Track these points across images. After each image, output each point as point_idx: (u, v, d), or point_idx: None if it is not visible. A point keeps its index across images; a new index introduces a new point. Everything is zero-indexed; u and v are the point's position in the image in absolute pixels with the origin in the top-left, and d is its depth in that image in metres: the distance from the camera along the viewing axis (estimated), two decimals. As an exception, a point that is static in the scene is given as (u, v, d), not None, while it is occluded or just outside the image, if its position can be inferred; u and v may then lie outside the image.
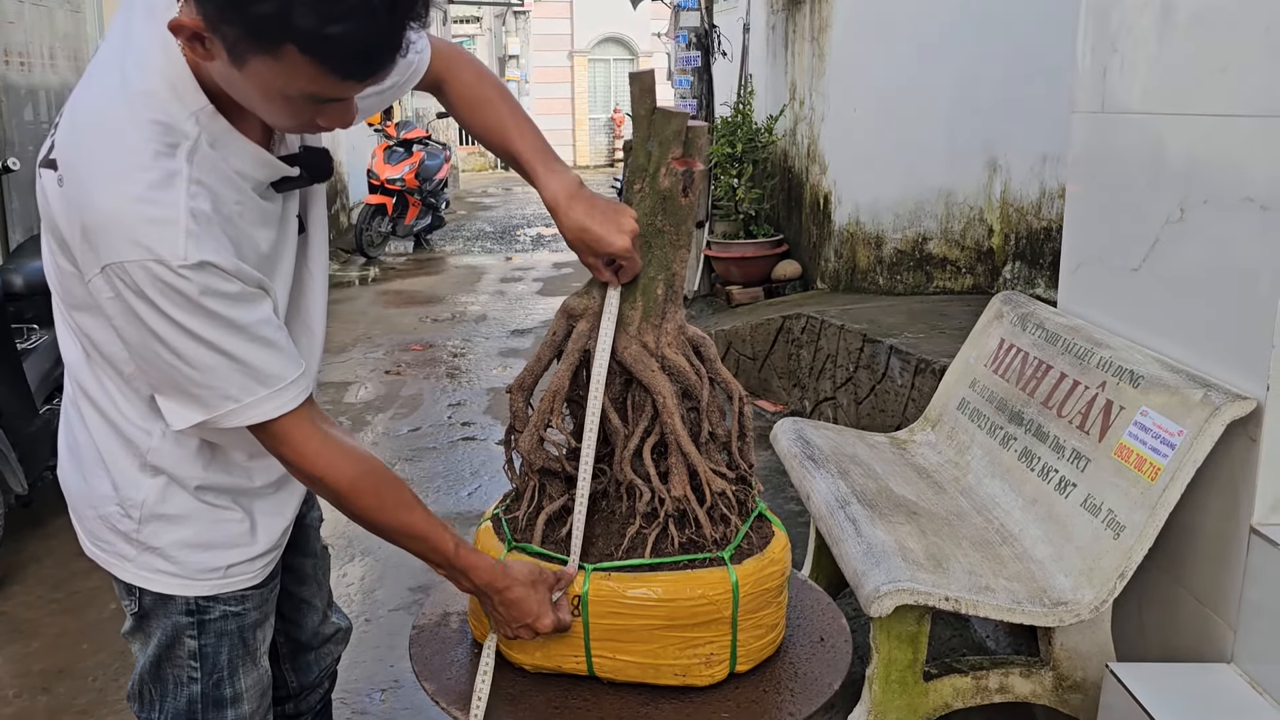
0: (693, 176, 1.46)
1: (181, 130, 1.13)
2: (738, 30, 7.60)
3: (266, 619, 1.47)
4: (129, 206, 1.08)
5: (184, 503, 1.34)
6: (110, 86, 1.14)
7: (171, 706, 1.41)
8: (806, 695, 1.49)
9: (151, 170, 1.09)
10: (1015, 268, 5.14)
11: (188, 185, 1.11)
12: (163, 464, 1.32)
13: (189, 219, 1.10)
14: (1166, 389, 2.07)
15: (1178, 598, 2.15)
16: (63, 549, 3.55)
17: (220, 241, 1.14)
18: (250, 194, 1.22)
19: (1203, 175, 2.11)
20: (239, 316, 1.16)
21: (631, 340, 1.49)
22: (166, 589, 1.36)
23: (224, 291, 1.13)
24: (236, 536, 1.38)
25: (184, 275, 1.09)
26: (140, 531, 1.34)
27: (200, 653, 1.39)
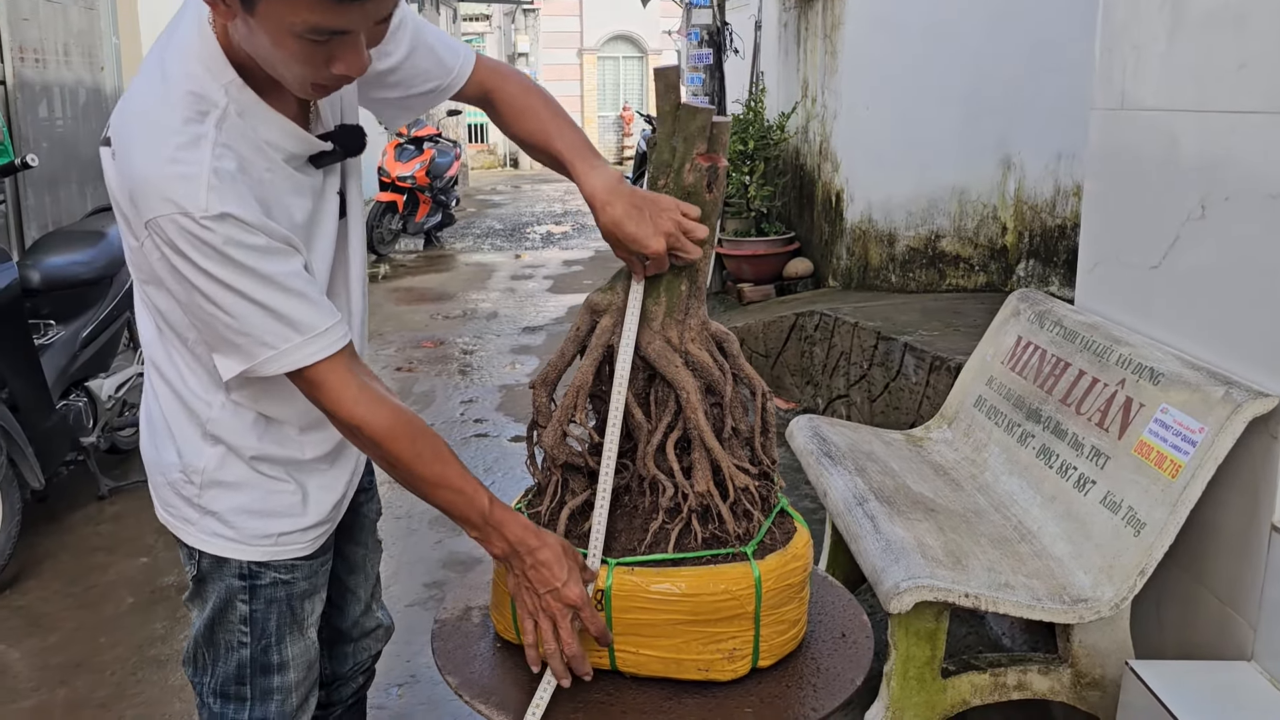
0: (717, 172, 1.46)
1: (211, 100, 1.21)
2: (750, 27, 7.59)
3: (316, 592, 1.53)
4: (160, 167, 1.17)
5: (240, 471, 1.42)
6: (153, 70, 1.24)
7: (222, 670, 1.48)
8: (829, 691, 1.49)
9: (181, 134, 1.18)
10: (1029, 265, 5.13)
11: (213, 147, 1.19)
12: (221, 434, 1.39)
13: (211, 175, 1.17)
14: (1187, 386, 2.07)
15: (1197, 595, 2.14)
16: (79, 543, 3.57)
17: (244, 198, 1.20)
18: (281, 164, 1.28)
19: (1224, 172, 2.11)
20: (265, 267, 1.21)
21: (655, 336, 1.49)
22: (223, 552, 1.43)
23: (248, 243, 1.19)
24: (289, 506, 1.45)
25: (207, 226, 1.16)
26: (201, 496, 1.42)
27: (250, 617, 1.46)
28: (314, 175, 1.34)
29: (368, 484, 1.71)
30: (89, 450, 3.78)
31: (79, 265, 3.67)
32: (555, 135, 1.50)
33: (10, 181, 4.67)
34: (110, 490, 3.92)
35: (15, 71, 4.75)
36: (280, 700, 1.51)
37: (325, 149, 1.33)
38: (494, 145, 22.34)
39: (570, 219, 13.02)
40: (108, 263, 3.82)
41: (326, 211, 1.37)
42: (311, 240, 1.35)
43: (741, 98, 7.39)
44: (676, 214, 1.40)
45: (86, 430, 3.76)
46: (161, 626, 3.02)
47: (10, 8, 4.70)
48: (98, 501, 3.88)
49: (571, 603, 1.35)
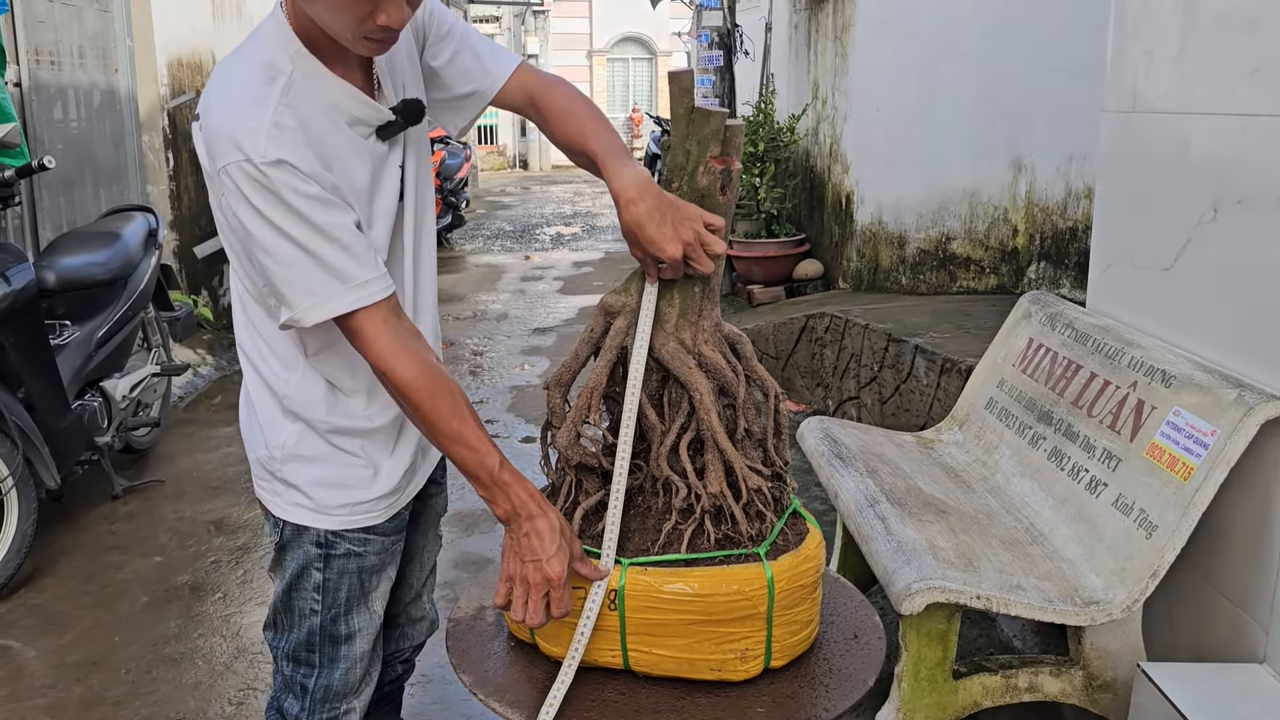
0: (731, 175, 1.47)
1: (279, 67, 1.36)
2: (760, 29, 7.60)
3: (384, 568, 1.62)
4: (231, 120, 1.32)
5: (317, 445, 1.53)
6: (235, 53, 1.42)
7: (295, 636, 1.60)
8: (841, 691, 1.50)
9: (251, 93, 1.34)
10: (1040, 268, 5.13)
11: (275, 106, 1.32)
12: (296, 409, 1.51)
13: (271, 126, 1.30)
14: (1199, 389, 2.07)
15: (1209, 598, 2.14)
16: (94, 542, 3.59)
17: (300, 150, 1.31)
18: (345, 126, 1.40)
19: (1236, 175, 2.11)
20: (316, 215, 1.32)
21: (669, 337, 1.50)
22: (303, 520, 1.55)
23: (301, 189, 1.30)
24: (360, 479, 1.55)
25: (265, 171, 1.29)
26: (283, 470, 1.54)
27: (324, 585, 1.57)
28: (377, 145, 1.45)
29: (439, 476, 1.79)
30: (103, 450, 3.80)
31: (94, 266, 3.69)
32: (592, 136, 1.53)
33: (26, 183, 4.70)
34: (124, 490, 3.95)
35: (31, 74, 4.78)
36: (345, 669, 1.61)
37: (389, 118, 1.45)
38: (503, 146, 22.38)
39: (580, 220, 13.04)
40: (122, 264, 3.85)
41: (387, 180, 1.47)
42: (371, 207, 1.44)
43: (752, 99, 7.40)
44: (699, 224, 1.42)
45: (101, 430, 3.79)
46: (175, 625, 3.04)
47: (25, 10, 4.73)
48: (112, 501, 3.91)
49: (550, 578, 1.39)
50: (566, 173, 20.81)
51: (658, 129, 12.84)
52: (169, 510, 3.87)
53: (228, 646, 2.92)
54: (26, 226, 4.81)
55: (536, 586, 1.40)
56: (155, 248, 4.22)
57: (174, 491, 4.05)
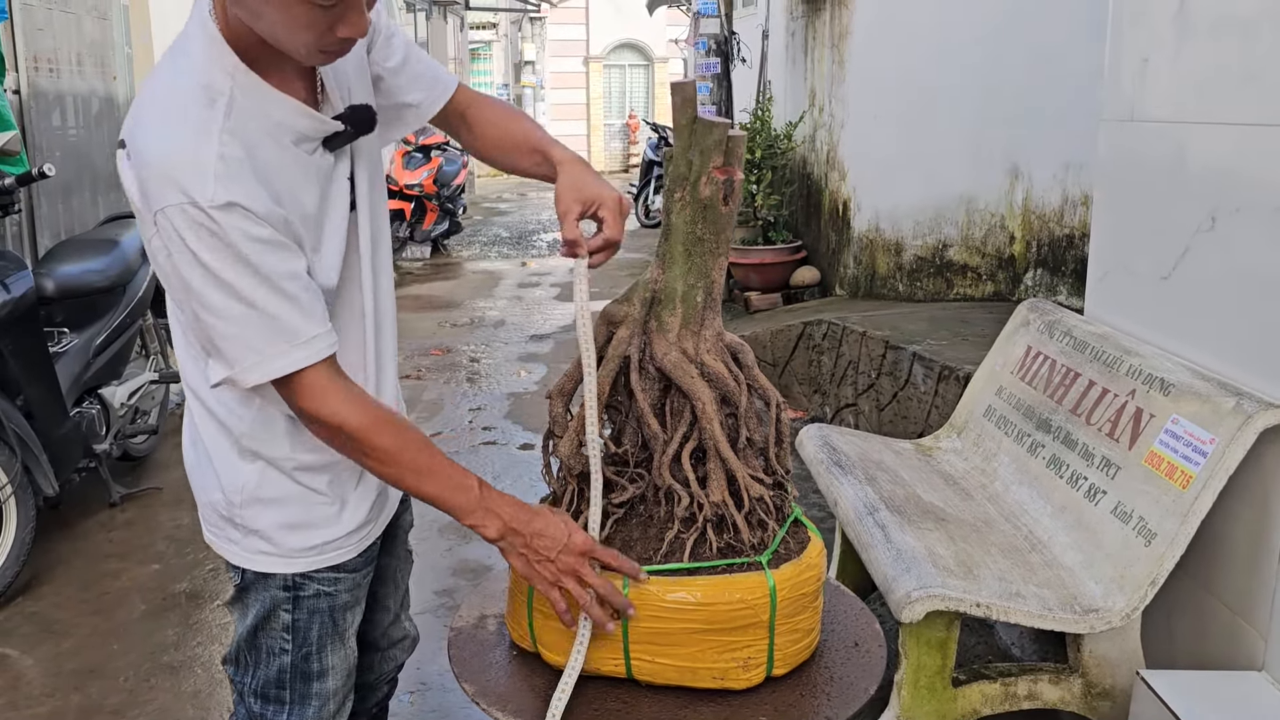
0: (733, 185, 1.48)
1: (218, 87, 1.23)
2: (757, 37, 7.62)
3: (357, 603, 1.55)
4: (169, 154, 1.19)
5: (281, 485, 1.43)
6: (163, 70, 1.28)
7: (263, 674, 1.51)
8: (843, 699, 1.50)
9: (189, 122, 1.20)
10: (1037, 275, 5.14)
11: (219, 134, 1.20)
12: (257, 447, 1.41)
13: (217, 162, 1.18)
14: (1198, 397, 2.07)
15: (1208, 605, 2.15)
16: (92, 549, 3.59)
17: (251, 187, 1.20)
18: (291, 147, 1.29)
19: (1235, 184, 2.12)
20: (266, 264, 1.21)
21: (671, 347, 1.50)
22: (268, 568, 1.46)
23: (253, 234, 1.20)
24: (326, 517, 1.47)
25: (213, 216, 1.17)
26: (243, 515, 1.44)
27: (293, 626, 1.49)
28: (324, 159, 1.34)
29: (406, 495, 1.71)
30: (101, 457, 3.80)
31: (93, 274, 3.69)
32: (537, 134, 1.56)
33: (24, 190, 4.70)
34: (122, 497, 3.94)
35: (30, 81, 4.79)
36: (319, 706, 1.54)
37: (337, 129, 1.34)
38: (500, 153, 22.34)
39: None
40: (121, 271, 3.84)
41: (336, 197, 1.37)
42: (321, 229, 1.34)
43: (749, 106, 7.41)
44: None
45: (99, 437, 3.78)
46: (174, 633, 3.03)
47: (25, 18, 4.74)
48: (110, 508, 3.90)
49: (583, 550, 1.37)
50: (563, 179, 20.77)
51: (655, 136, 12.87)
52: (167, 518, 3.86)
53: (226, 654, 2.92)
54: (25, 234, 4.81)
55: (581, 564, 1.37)
56: (153, 255, 4.21)
57: (172, 499, 4.04)
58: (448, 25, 15.70)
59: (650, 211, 12.12)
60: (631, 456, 1.55)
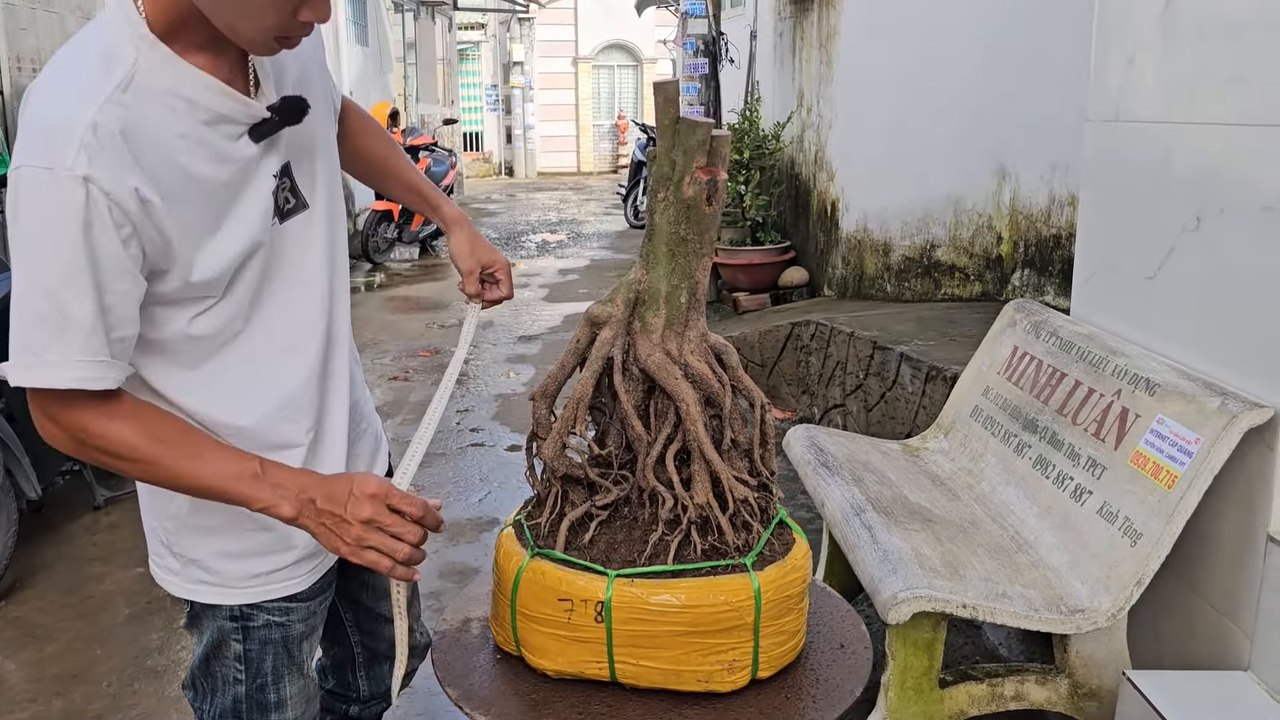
0: (717, 185, 1.47)
1: (119, 57, 1.16)
2: (745, 37, 7.62)
3: (313, 632, 1.50)
4: (45, 114, 1.13)
5: (210, 512, 1.35)
6: (75, 37, 1.23)
7: (219, 703, 1.46)
8: (828, 701, 1.50)
9: (77, 86, 1.13)
10: (1024, 275, 5.15)
11: (104, 103, 1.12)
12: None
13: (87, 131, 1.10)
14: (1183, 397, 2.08)
15: (1194, 606, 2.15)
16: (75, 553, 3.56)
17: (118, 168, 1.11)
18: (203, 126, 1.20)
19: (1220, 184, 2.12)
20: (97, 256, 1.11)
21: (655, 348, 1.49)
22: (210, 599, 1.40)
23: (97, 219, 1.10)
24: (270, 543, 1.40)
25: (64, 186, 1.09)
26: (179, 544, 1.39)
27: (245, 656, 1.44)
28: (246, 147, 1.25)
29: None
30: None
31: None
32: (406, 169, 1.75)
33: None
34: (106, 500, 3.91)
35: (13, 80, 4.76)
36: None
37: (262, 115, 1.25)
38: (489, 154, 22.36)
39: (566, 228, 13.03)
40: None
41: (253, 189, 1.27)
42: (223, 216, 1.24)
43: (737, 107, 7.41)
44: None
45: (82, 440, 3.75)
46: (158, 637, 3.01)
47: (8, 17, 4.71)
48: (94, 511, 3.88)
49: (374, 493, 1.25)
50: (552, 180, 20.82)
51: (644, 136, 12.86)
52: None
53: (211, 658, 2.90)
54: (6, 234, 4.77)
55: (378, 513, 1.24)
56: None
57: (157, 501, 4.02)
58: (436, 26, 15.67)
59: (639, 213, 12.12)
60: (615, 458, 1.54)
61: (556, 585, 1.46)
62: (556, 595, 1.45)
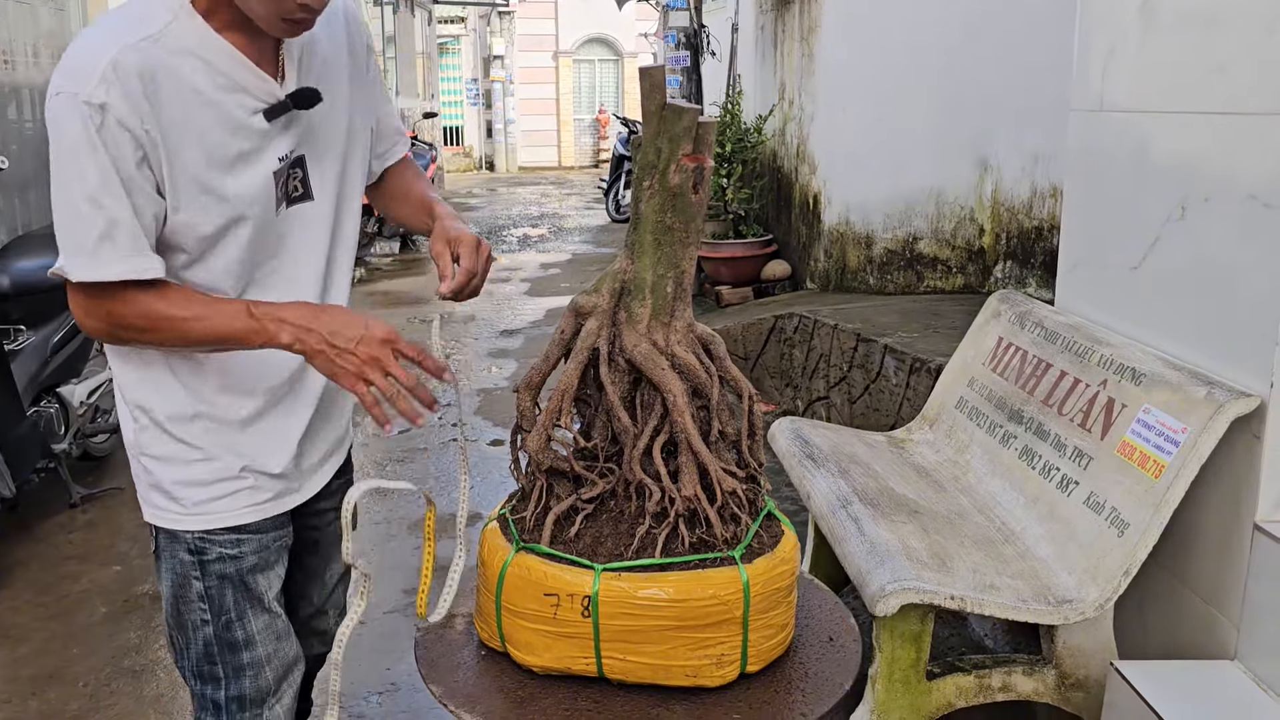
0: (703, 173, 1.45)
1: (154, 17, 1.30)
2: (727, 30, 7.60)
3: (270, 567, 1.56)
4: (76, 54, 1.29)
5: (160, 441, 1.47)
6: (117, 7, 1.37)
7: (194, 651, 1.54)
8: (818, 695, 1.48)
9: (108, 33, 1.29)
10: (1006, 267, 5.16)
11: (127, 48, 1.26)
12: (138, 399, 1.46)
13: (108, 66, 1.25)
14: (1169, 386, 2.07)
15: (1181, 595, 2.15)
16: (50, 552, 3.51)
17: (133, 99, 1.26)
18: (221, 92, 1.33)
19: (1204, 173, 2.11)
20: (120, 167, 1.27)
21: (641, 338, 1.47)
22: (169, 524, 1.50)
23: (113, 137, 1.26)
24: (215, 472, 1.49)
25: (85, 110, 1.24)
26: (144, 469, 1.50)
27: (206, 594, 1.51)
28: (258, 122, 1.38)
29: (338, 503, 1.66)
30: (60, 457, 3.71)
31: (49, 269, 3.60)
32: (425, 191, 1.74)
33: (-22, 184, 4.60)
34: (82, 498, 3.86)
35: (-17, 72, 4.68)
36: (253, 676, 1.55)
37: (277, 97, 1.38)
38: (470, 148, 22.28)
39: (547, 222, 12.99)
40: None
41: (254, 164, 1.39)
42: (217, 176, 1.35)
43: (719, 100, 7.40)
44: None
45: (58, 437, 3.70)
46: (135, 636, 2.97)
47: (-22, 8, 4.63)
48: (69, 509, 3.82)
49: (384, 338, 1.36)
50: (533, 175, 20.75)
51: (625, 131, 12.83)
52: (129, 518, 3.78)
53: (190, 657, 2.86)
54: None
55: (384, 355, 1.35)
56: (113, 250, 4.13)
57: (133, 499, 3.93)
58: (415, 20, 15.57)
59: (620, 207, 12.09)
60: (601, 451, 1.52)
61: (542, 580, 1.44)
62: (542, 590, 1.43)
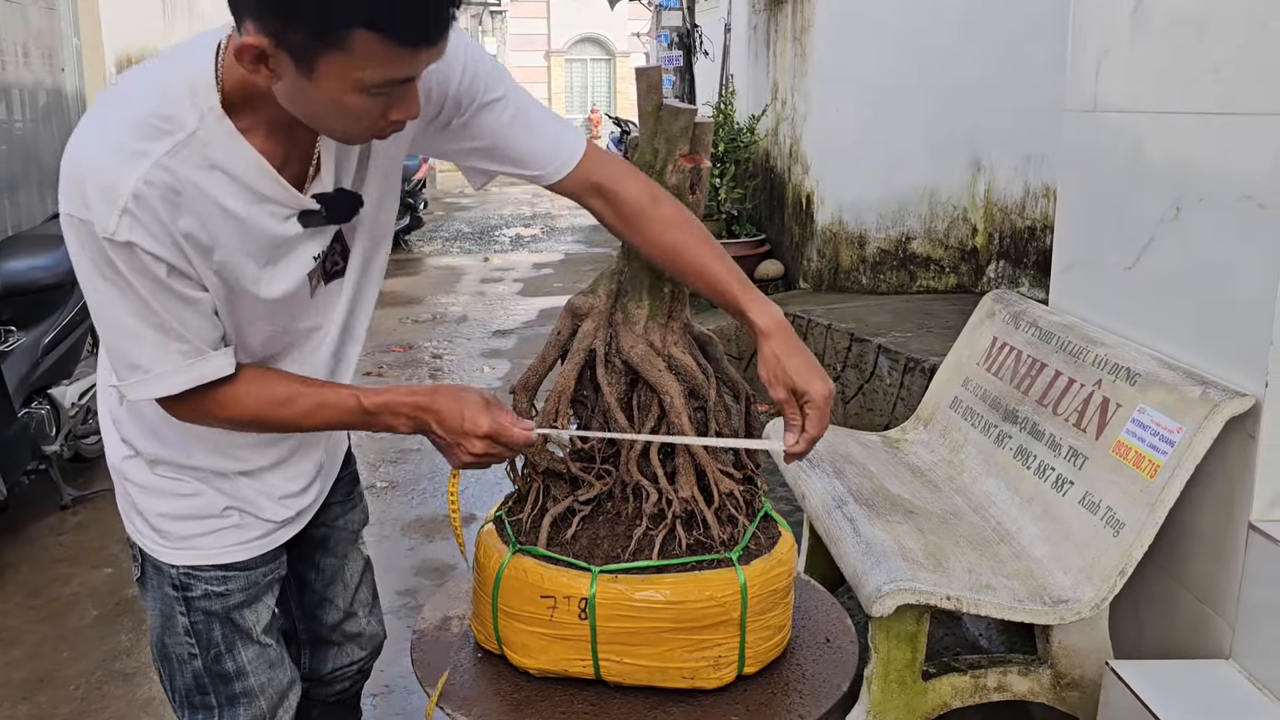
0: (700, 174, 1.45)
1: (179, 121, 1.14)
2: (719, 30, 7.60)
3: (257, 600, 1.48)
4: (90, 167, 1.12)
5: (147, 476, 1.41)
6: (141, 74, 1.20)
7: (182, 682, 1.48)
8: (815, 697, 1.48)
9: (124, 146, 1.12)
10: (999, 267, 5.16)
11: (150, 167, 1.11)
12: (126, 435, 1.40)
13: (131, 198, 1.11)
14: (1164, 386, 2.07)
15: (1176, 595, 2.15)
16: (41, 555, 3.49)
17: (159, 225, 1.13)
18: (250, 203, 1.20)
19: (1198, 173, 2.12)
20: (155, 299, 1.17)
21: (638, 340, 1.47)
22: (152, 552, 1.43)
23: (147, 271, 1.15)
24: (199, 508, 1.41)
25: (109, 246, 1.13)
26: (126, 492, 1.44)
27: (192, 629, 1.45)
28: (291, 227, 1.25)
29: (343, 497, 1.67)
30: (51, 459, 3.69)
31: (40, 270, 3.59)
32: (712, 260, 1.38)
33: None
34: (73, 499, 3.84)
35: (-27, 72, 4.65)
36: (247, 703, 1.48)
37: (309, 206, 1.24)
38: (461, 148, 22.20)
39: (539, 222, 12.97)
40: (70, 268, 3.72)
41: (289, 267, 1.28)
42: (247, 281, 1.25)
43: (711, 100, 7.40)
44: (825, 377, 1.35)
45: (49, 438, 3.68)
46: (127, 639, 2.95)
47: (-33, 7, 4.61)
48: (60, 511, 3.80)
49: (484, 434, 1.31)
50: (525, 174, 20.66)
51: (616, 129, 12.82)
52: (120, 520, 3.74)
53: (183, 660, 2.84)
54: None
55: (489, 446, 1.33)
56: (104, 251, 4.11)
57: (126, 501, 3.94)
58: None
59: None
60: (598, 452, 1.51)
61: (539, 582, 1.43)
62: (539, 592, 1.43)
